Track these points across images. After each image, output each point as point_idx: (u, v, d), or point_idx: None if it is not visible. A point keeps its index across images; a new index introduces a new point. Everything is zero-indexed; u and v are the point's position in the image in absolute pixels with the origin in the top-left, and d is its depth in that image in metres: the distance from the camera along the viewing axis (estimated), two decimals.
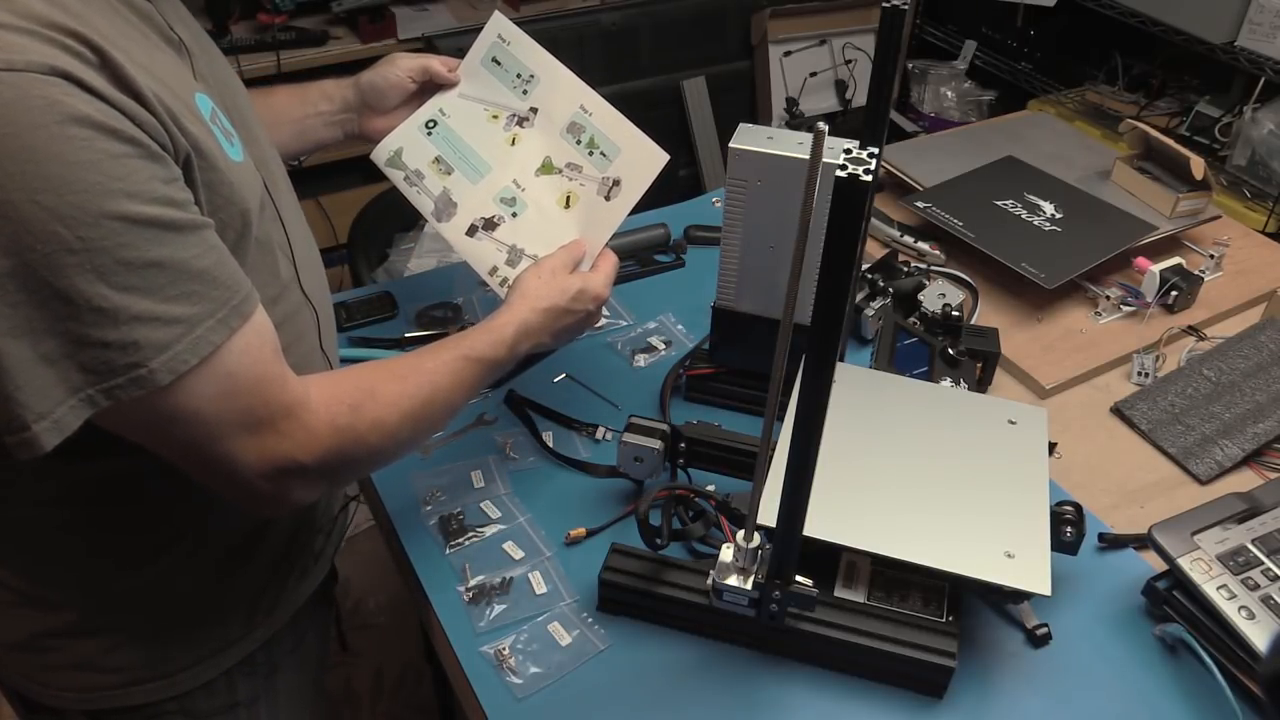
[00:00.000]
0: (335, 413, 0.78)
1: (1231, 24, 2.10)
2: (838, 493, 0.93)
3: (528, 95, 1.15)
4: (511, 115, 1.15)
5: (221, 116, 0.78)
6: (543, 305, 0.99)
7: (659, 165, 1.07)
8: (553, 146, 1.12)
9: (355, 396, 0.81)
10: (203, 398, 0.70)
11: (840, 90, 2.82)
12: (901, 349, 1.22)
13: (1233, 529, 0.98)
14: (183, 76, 0.75)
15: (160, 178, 0.66)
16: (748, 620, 0.91)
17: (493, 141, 1.15)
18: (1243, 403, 1.22)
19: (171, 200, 0.67)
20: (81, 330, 0.63)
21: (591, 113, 1.11)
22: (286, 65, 2.31)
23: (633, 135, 1.09)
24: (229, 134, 0.78)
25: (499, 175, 1.13)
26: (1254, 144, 2.16)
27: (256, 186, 0.80)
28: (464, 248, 1.11)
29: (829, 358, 0.73)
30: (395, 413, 0.83)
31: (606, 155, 1.09)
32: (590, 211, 1.08)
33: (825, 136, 0.67)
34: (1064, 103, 2.52)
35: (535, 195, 1.11)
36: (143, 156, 0.65)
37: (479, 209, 1.12)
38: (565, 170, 1.11)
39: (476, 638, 0.95)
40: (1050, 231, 1.44)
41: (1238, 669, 0.91)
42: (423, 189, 1.14)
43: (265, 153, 0.89)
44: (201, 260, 0.68)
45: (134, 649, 0.88)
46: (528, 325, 0.97)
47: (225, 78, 0.87)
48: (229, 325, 0.70)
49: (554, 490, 1.10)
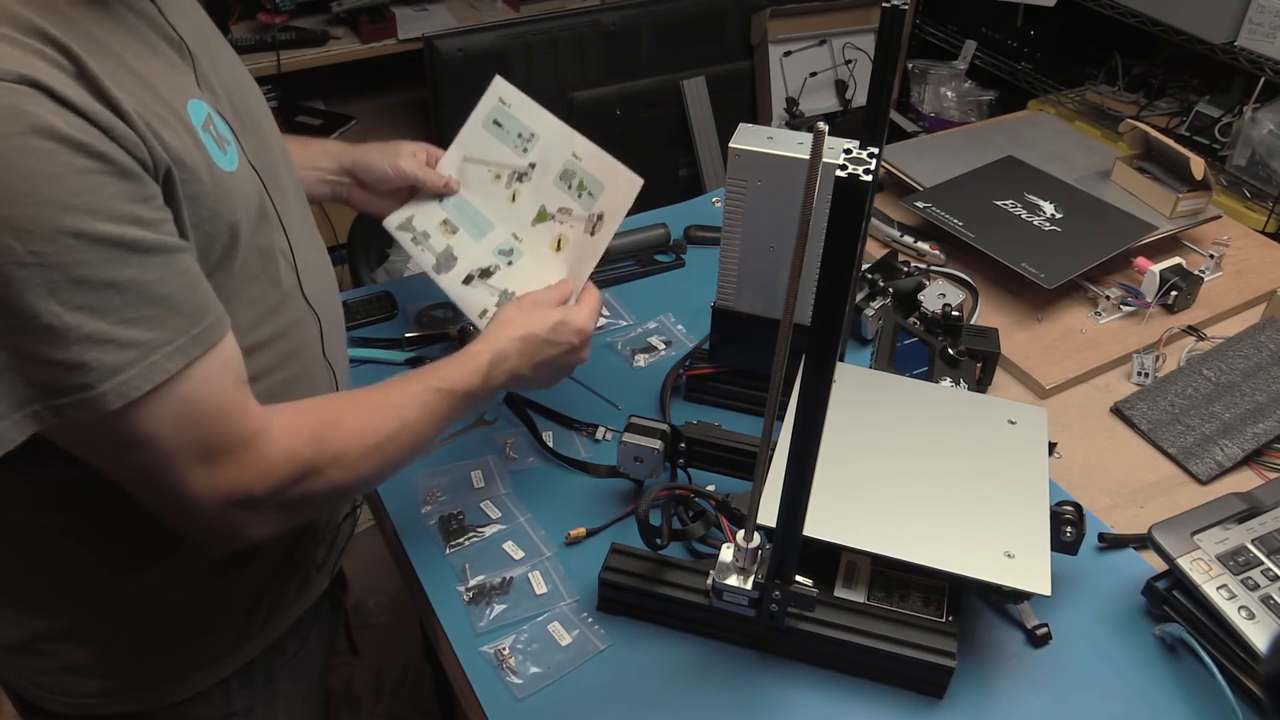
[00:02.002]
0: (295, 445, 0.76)
1: (1231, 24, 2.10)
2: (838, 493, 0.93)
3: (527, 153, 1.19)
4: (512, 172, 1.19)
5: (217, 122, 0.77)
6: (519, 333, 0.95)
7: (634, 190, 1.09)
8: (548, 195, 1.16)
9: (317, 428, 0.78)
10: (157, 423, 0.67)
11: (840, 90, 2.81)
12: (901, 349, 1.22)
13: (1233, 529, 0.98)
14: (177, 82, 0.73)
15: (129, 196, 0.64)
16: (748, 620, 0.91)
17: (496, 200, 1.19)
18: (1243, 403, 1.22)
19: (138, 219, 0.64)
20: (29, 346, 0.62)
21: (581, 158, 1.15)
22: (286, 65, 2.31)
23: (612, 167, 1.12)
24: (223, 141, 0.76)
25: (500, 231, 1.17)
26: (1254, 144, 2.16)
27: (251, 195, 0.78)
28: (458, 294, 1.14)
29: (829, 358, 0.73)
30: (359, 446, 0.80)
31: (593, 194, 1.12)
32: (578, 249, 1.11)
33: (825, 136, 0.67)
34: (1064, 103, 2.52)
35: (531, 244, 1.15)
36: (110, 173, 0.63)
37: (478, 261, 1.16)
38: (558, 215, 1.14)
39: (476, 638, 0.95)
40: (1050, 231, 1.44)
41: (1238, 669, 0.91)
42: (427, 247, 1.18)
43: (274, 156, 0.88)
44: (165, 285, 0.66)
45: (127, 656, 0.87)
46: (503, 354, 0.93)
47: (233, 76, 0.84)
48: (187, 354, 0.68)
49: (554, 490, 1.10)
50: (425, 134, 2.43)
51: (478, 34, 2.25)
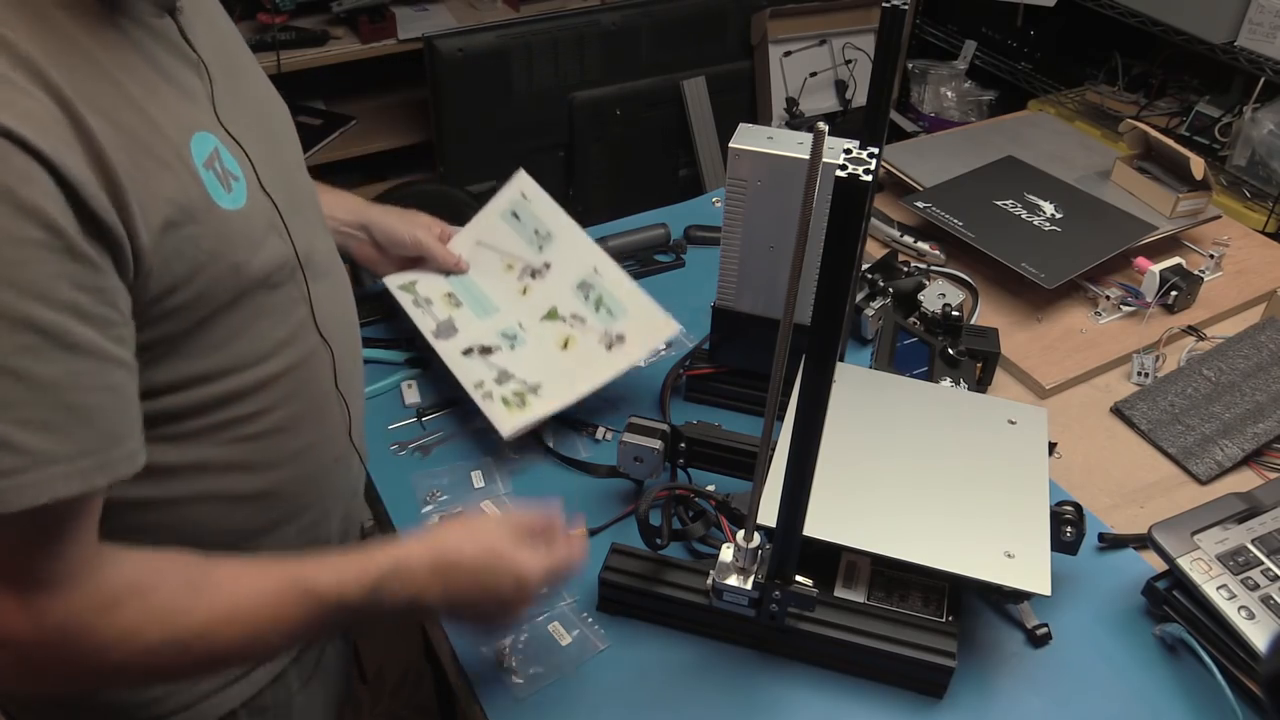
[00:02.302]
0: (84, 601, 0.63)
1: (1231, 24, 2.10)
2: (838, 493, 0.93)
3: (543, 251, 1.21)
4: (526, 267, 1.21)
5: (225, 157, 0.71)
6: (447, 558, 0.75)
7: (668, 333, 1.14)
8: (561, 299, 1.18)
9: (122, 591, 0.64)
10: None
11: (840, 90, 2.81)
12: (901, 349, 1.22)
13: (1233, 529, 0.98)
14: (185, 113, 0.68)
15: (73, 280, 0.56)
16: (748, 620, 0.91)
17: (505, 288, 1.21)
18: (1243, 403, 1.22)
19: (77, 310, 0.56)
20: None
21: (602, 275, 1.18)
22: (286, 65, 2.31)
23: (644, 303, 1.16)
24: (228, 177, 0.70)
25: (506, 316, 1.19)
26: (1254, 144, 2.16)
27: (259, 230, 0.73)
28: (455, 363, 1.15)
29: (829, 358, 0.73)
30: (162, 631, 0.65)
31: (613, 313, 1.15)
32: (588, 356, 1.13)
33: (825, 136, 0.67)
34: (1064, 103, 2.52)
35: (536, 335, 1.17)
36: (57, 250, 0.55)
37: (479, 338, 1.17)
38: (569, 319, 1.16)
39: (476, 638, 0.95)
40: (1050, 231, 1.44)
41: (1238, 669, 0.91)
42: (429, 313, 1.19)
43: (291, 176, 0.82)
44: (84, 394, 0.57)
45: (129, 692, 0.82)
46: (408, 571, 0.74)
47: (254, 95, 0.80)
48: (90, 480, 0.58)
49: (554, 490, 1.10)
50: (425, 133, 2.44)
51: (478, 34, 2.25)
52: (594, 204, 2.52)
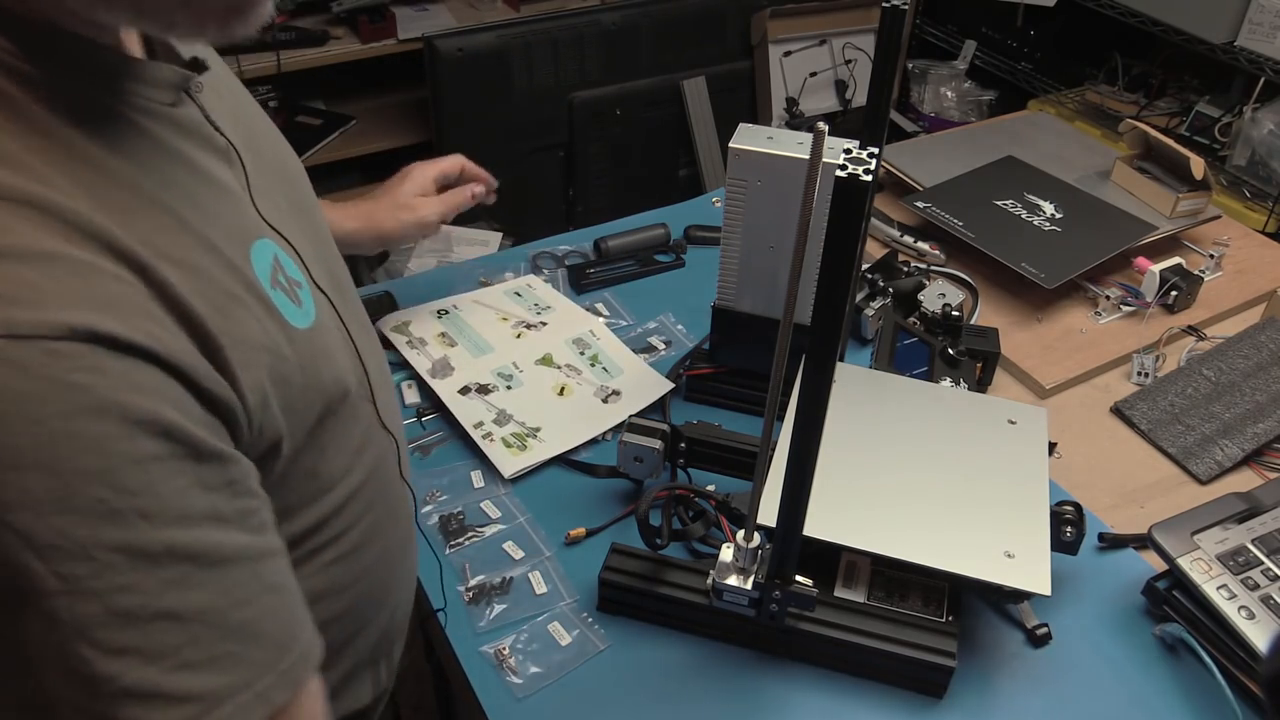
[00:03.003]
0: None
1: (1231, 24, 2.10)
2: (838, 493, 0.93)
3: (540, 314, 1.29)
4: (520, 321, 1.27)
5: (286, 263, 0.60)
6: None
7: (662, 391, 1.18)
8: (556, 349, 1.23)
9: None
10: None
11: (840, 90, 2.82)
12: (901, 349, 1.22)
13: (1233, 529, 0.98)
14: (237, 221, 0.58)
15: (204, 484, 0.48)
16: (748, 620, 0.91)
17: (499, 333, 1.26)
18: (1243, 403, 1.22)
19: (216, 517, 0.48)
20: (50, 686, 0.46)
21: (599, 338, 1.25)
22: (286, 65, 2.31)
23: (638, 365, 1.22)
24: (294, 287, 0.60)
25: (500, 355, 1.23)
26: (1254, 144, 2.16)
27: (331, 345, 0.63)
28: (454, 402, 1.16)
29: (829, 358, 0.73)
30: None
31: (608, 371, 1.20)
32: (586, 407, 1.16)
33: (825, 136, 0.67)
34: (1064, 103, 2.52)
35: (532, 377, 1.20)
36: (180, 457, 0.47)
37: (475, 377, 1.20)
38: (564, 369, 1.21)
39: (476, 638, 0.95)
40: (1050, 231, 1.44)
41: (1238, 669, 0.91)
42: (424, 353, 1.23)
43: (327, 249, 0.71)
44: (246, 608, 0.49)
45: None
46: None
47: (275, 161, 0.68)
48: (268, 700, 0.50)
49: (554, 490, 1.10)
50: (425, 133, 2.44)
51: (478, 34, 2.25)
52: (594, 204, 2.52)
